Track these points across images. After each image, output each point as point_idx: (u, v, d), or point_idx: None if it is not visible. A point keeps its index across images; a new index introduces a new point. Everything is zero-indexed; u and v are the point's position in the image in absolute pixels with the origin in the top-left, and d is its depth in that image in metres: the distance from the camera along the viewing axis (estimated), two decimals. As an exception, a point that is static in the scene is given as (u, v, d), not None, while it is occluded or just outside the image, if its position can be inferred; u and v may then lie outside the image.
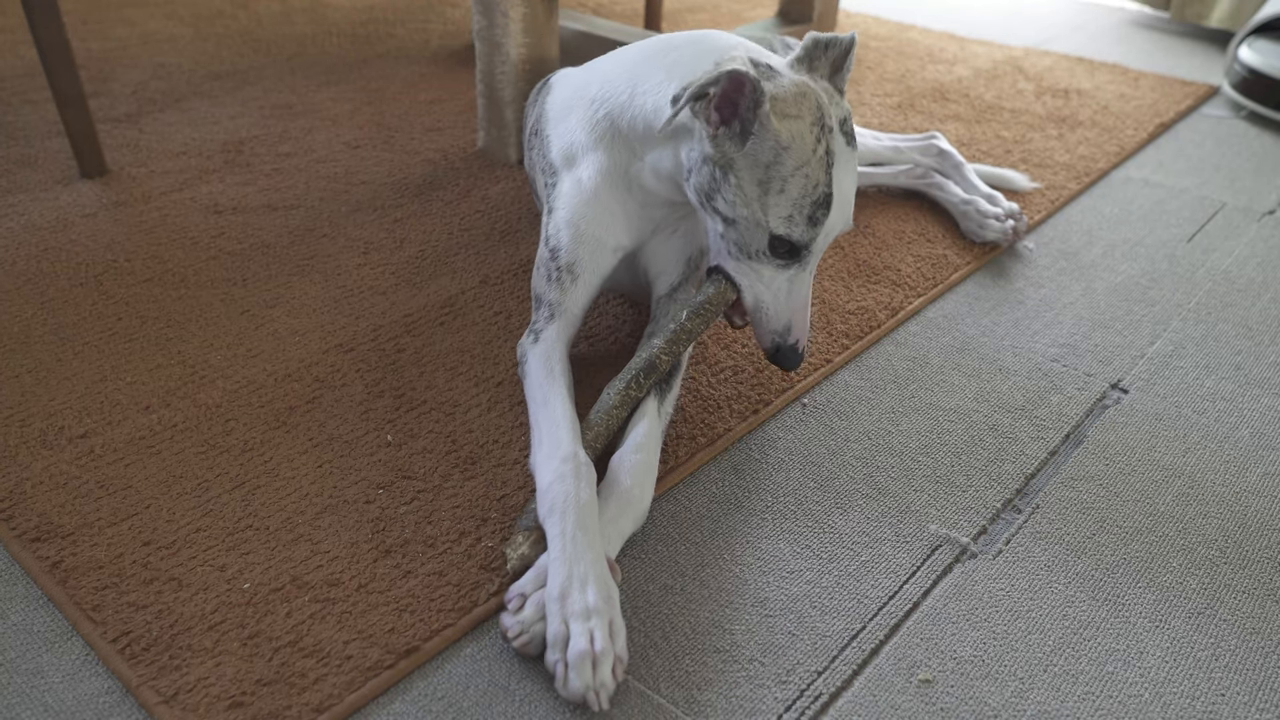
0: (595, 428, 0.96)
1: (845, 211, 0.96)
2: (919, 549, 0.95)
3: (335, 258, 1.38)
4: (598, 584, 0.79)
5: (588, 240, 1.08)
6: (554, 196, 1.12)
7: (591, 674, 0.76)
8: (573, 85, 1.14)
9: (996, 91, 2.16)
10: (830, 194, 0.93)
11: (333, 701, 0.77)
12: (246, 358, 1.16)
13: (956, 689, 0.82)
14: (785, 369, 1.02)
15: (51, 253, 1.36)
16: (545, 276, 1.10)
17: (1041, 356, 1.25)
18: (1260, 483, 1.06)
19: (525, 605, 0.82)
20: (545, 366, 1.03)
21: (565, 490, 0.86)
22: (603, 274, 1.10)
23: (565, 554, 0.81)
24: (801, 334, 1.00)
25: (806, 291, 0.99)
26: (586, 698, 0.76)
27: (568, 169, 1.11)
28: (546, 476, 0.88)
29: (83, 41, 2.19)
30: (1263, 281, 1.45)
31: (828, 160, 0.92)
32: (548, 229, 1.11)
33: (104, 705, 0.77)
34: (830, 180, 0.93)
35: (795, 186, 0.92)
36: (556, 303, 1.09)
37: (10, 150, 1.66)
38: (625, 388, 0.98)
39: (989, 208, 1.50)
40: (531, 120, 1.24)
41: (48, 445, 1.01)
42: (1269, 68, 2.08)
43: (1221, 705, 0.81)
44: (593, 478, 0.89)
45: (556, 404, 0.97)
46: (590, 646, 0.76)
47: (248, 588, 0.86)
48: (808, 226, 0.93)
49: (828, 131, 0.92)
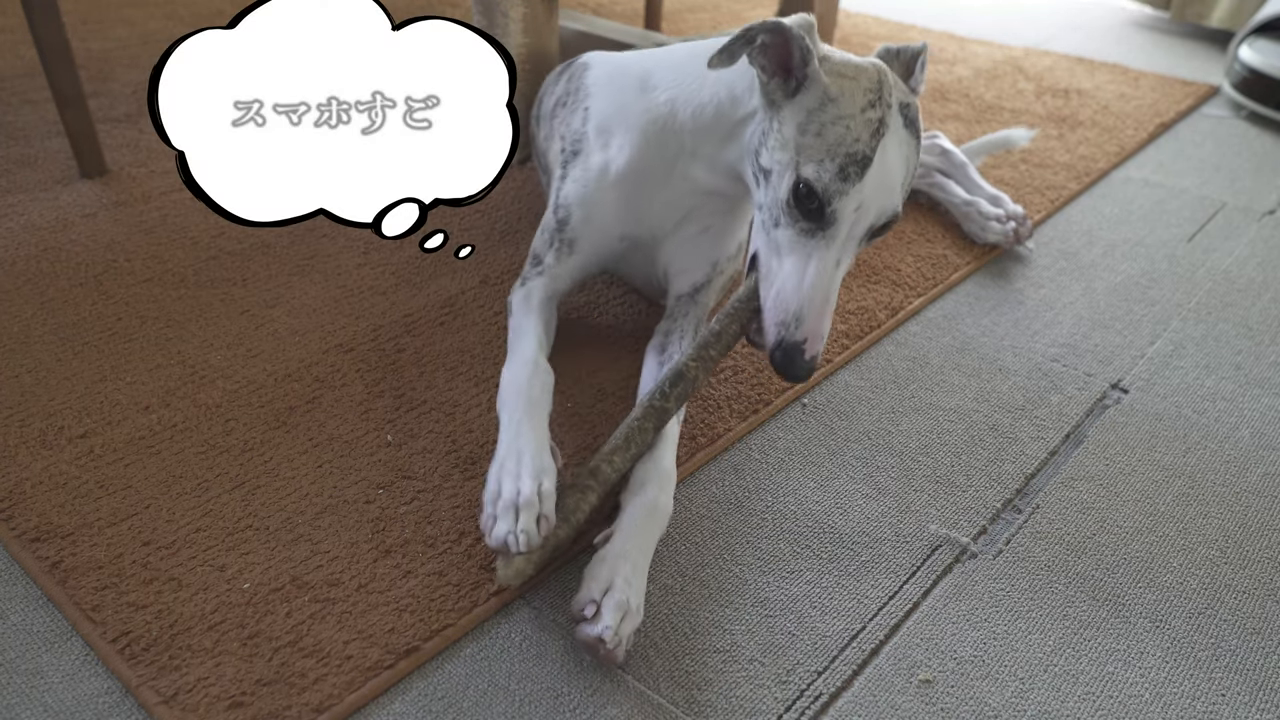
0: (618, 445, 0.91)
1: (887, 190, 0.89)
2: (919, 549, 0.95)
3: (335, 258, 1.38)
4: (533, 458, 0.87)
5: (596, 223, 1.10)
6: (576, 166, 1.12)
7: (514, 520, 0.82)
8: (622, 68, 1.13)
9: (996, 91, 2.16)
10: (870, 158, 0.87)
11: (333, 701, 0.77)
12: (246, 358, 1.16)
13: (956, 689, 0.82)
14: (785, 377, 0.91)
15: (51, 253, 1.36)
16: (547, 241, 1.13)
17: (1041, 356, 1.25)
18: (1260, 483, 1.06)
19: (601, 611, 0.80)
20: (525, 305, 1.10)
21: (518, 386, 0.95)
22: (602, 257, 1.14)
23: (509, 435, 0.90)
24: (813, 335, 0.89)
25: (827, 280, 0.90)
26: (508, 540, 0.81)
27: (600, 145, 1.10)
28: (506, 377, 0.98)
29: (83, 41, 2.18)
30: (1263, 281, 1.45)
31: (877, 127, 0.88)
32: (561, 196, 1.12)
33: (104, 705, 0.77)
34: (875, 147, 0.88)
35: (832, 133, 0.88)
36: (550, 267, 1.13)
37: (10, 150, 1.66)
38: (650, 401, 0.94)
39: (991, 209, 1.50)
40: (557, 94, 1.25)
41: (48, 445, 1.01)
42: (1269, 67, 2.08)
43: (1221, 705, 0.81)
44: (548, 381, 0.98)
45: (528, 329, 1.06)
46: (515, 497, 0.83)
47: (248, 588, 0.86)
48: (836, 178, 0.87)
49: (884, 104, 0.89)
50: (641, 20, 2.36)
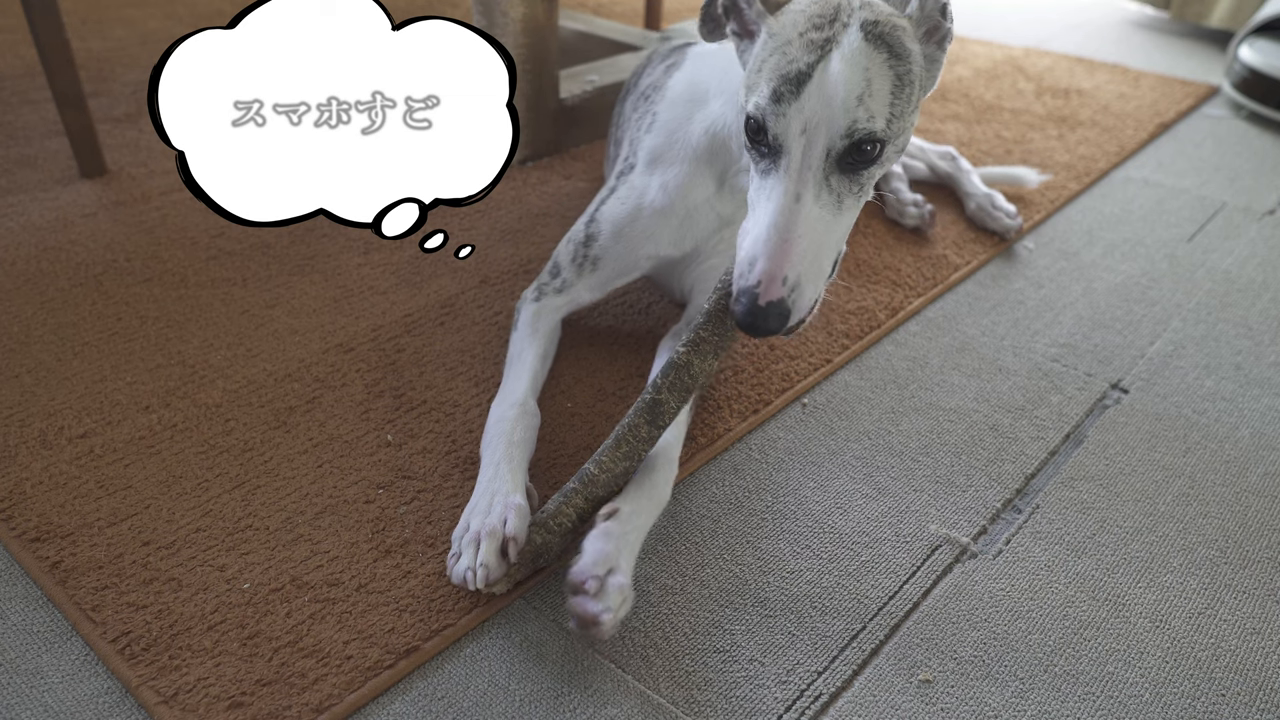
0: (608, 445, 0.90)
1: (836, 105, 0.81)
2: (919, 549, 0.95)
3: (335, 258, 1.38)
4: (505, 496, 0.88)
5: (626, 245, 1.10)
6: (624, 184, 1.11)
7: (474, 554, 0.83)
8: (693, 77, 1.11)
9: (996, 91, 2.16)
10: (807, 74, 0.82)
11: (333, 701, 0.77)
12: (246, 358, 1.16)
13: (956, 689, 0.82)
14: (746, 330, 0.83)
15: (51, 253, 1.36)
16: (571, 254, 1.13)
17: (1041, 356, 1.25)
18: (1260, 483, 1.06)
19: (606, 588, 0.80)
20: (531, 326, 1.11)
21: (502, 429, 0.96)
22: (625, 275, 1.13)
23: (485, 477, 0.91)
24: (769, 277, 0.80)
25: (786, 216, 0.82)
26: (465, 576, 0.83)
27: (647, 170, 1.10)
28: (493, 416, 0.99)
29: (83, 41, 2.19)
30: (1263, 281, 1.45)
31: (822, 45, 0.83)
32: (598, 210, 1.12)
33: (104, 705, 0.77)
34: (813, 64, 0.82)
35: (771, 64, 0.85)
36: (569, 282, 1.13)
37: (10, 150, 1.66)
38: (642, 396, 0.92)
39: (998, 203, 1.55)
40: (647, 79, 1.23)
41: (48, 445, 1.01)
42: (1269, 67, 2.08)
43: (1222, 705, 0.81)
44: (533, 423, 0.99)
45: (527, 359, 1.07)
46: (479, 532, 0.84)
47: (247, 588, 0.86)
48: (770, 101, 0.83)
49: (836, 25, 0.84)
50: (641, 20, 2.36)
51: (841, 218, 0.86)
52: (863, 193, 0.87)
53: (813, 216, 0.83)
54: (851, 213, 0.87)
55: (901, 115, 0.85)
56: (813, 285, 0.84)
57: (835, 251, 0.88)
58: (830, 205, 0.84)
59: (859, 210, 0.89)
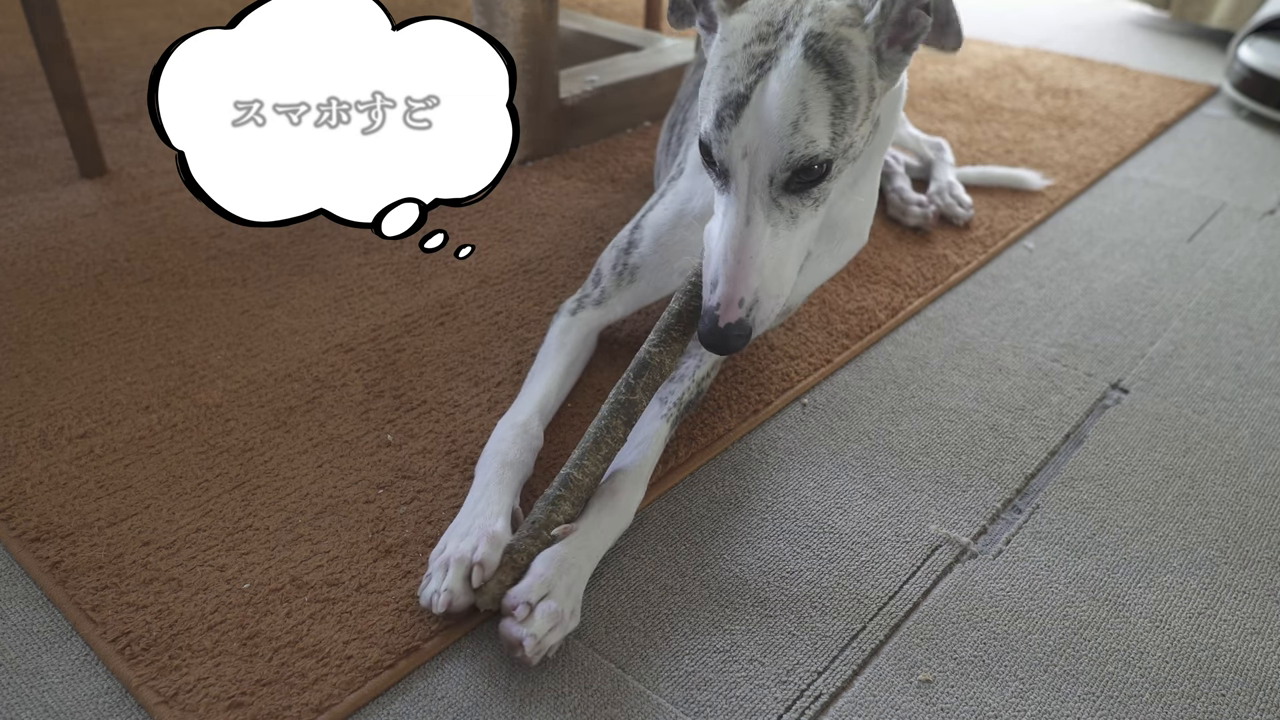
0: (588, 448, 0.89)
1: (770, 132, 0.81)
2: (919, 549, 0.95)
3: (335, 258, 1.38)
4: (486, 520, 0.86)
5: (663, 256, 1.08)
6: (671, 190, 1.10)
7: (442, 578, 0.82)
8: None
9: (996, 91, 2.16)
10: (746, 97, 0.81)
11: (333, 701, 0.77)
12: (246, 358, 1.16)
13: (956, 689, 0.82)
14: (706, 347, 0.86)
15: (51, 253, 1.36)
16: (612, 262, 1.12)
17: (1041, 356, 1.25)
18: (1260, 483, 1.06)
19: (535, 614, 0.79)
20: (558, 341, 1.09)
21: (499, 448, 0.94)
22: (662, 288, 1.10)
23: (473, 497, 0.90)
24: (726, 300, 0.83)
25: (738, 239, 0.83)
26: (432, 600, 0.81)
27: (697, 170, 1.07)
28: (495, 433, 0.97)
29: (83, 41, 2.18)
30: (1263, 281, 1.45)
31: (761, 61, 0.81)
32: (645, 217, 1.10)
33: (103, 705, 0.77)
34: (752, 85, 0.81)
35: (717, 80, 0.84)
36: (608, 293, 1.11)
37: (10, 150, 1.66)
38: (615, 397, 0.92)
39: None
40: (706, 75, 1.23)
41: (48, 445, 1.01)
42: (1269, 67, 2.08)
43: (1222, 705, 0.81)
44: (532, 445, 0.96)
45: (542, 377, 1.05)
46: (449, 557, 0.83)
47: (247, 588, 0.86)
48: (714, 126, 0.83)
49: (779, 34, 0.82)
50: (641, 20, 2.36)
51: (798, 229, 0.87)
52: (819, 204, 0.88)
53: (765, 236, 0.85)
54: (810, 222, 0.88)
55: (846, 131, 0.84)
56: (772, 299, 0.86)
57: (799, 257, 0.89)
58: (784, 222, 0.85)
59: (819, 217, 0.90)
